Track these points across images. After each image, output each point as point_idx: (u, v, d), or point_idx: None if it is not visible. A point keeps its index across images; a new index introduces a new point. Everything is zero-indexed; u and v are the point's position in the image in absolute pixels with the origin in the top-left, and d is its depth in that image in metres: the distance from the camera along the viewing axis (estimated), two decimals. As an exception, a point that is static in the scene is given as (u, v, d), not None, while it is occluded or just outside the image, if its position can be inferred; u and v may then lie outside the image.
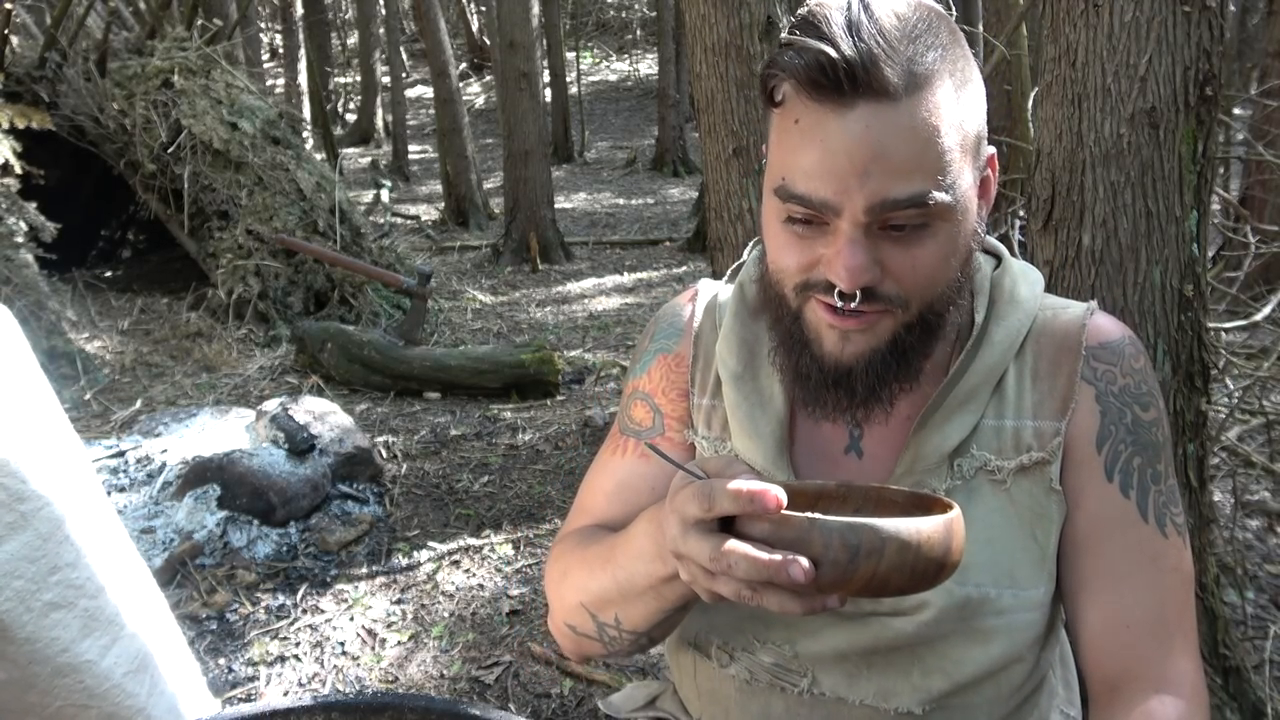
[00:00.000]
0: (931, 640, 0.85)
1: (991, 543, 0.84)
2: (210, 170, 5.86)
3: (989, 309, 0.88)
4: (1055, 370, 0.87)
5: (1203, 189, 1.46)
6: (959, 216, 0.77)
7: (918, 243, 0.76)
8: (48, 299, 4.94)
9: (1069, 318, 0.88)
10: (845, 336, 0.79)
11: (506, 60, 8.27)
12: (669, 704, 1.09)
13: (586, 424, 4.23)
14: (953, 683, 0.86)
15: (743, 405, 0.92)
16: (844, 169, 0.73)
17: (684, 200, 11.26)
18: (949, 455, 0.86)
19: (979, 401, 0.86)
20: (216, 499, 3.09)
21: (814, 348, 0.82)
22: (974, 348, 0.86)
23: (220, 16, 8.08)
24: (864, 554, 0.61)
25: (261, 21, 18.62)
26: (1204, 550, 1.63)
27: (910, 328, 0.79)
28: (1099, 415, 0.85)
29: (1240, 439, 2.93)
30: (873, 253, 0.75)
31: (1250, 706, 1.71)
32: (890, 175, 0.72)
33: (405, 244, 8.34)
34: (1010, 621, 0.85)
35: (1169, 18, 1.39)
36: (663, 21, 13.50)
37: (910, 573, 0.63)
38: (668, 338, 1.02)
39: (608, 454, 1.03)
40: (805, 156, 0.75)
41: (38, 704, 0.65)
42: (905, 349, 0.80)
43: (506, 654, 2.57)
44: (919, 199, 0.73)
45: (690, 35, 2.69)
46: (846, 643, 0.88)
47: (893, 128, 0.72)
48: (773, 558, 0.62)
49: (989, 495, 0.85)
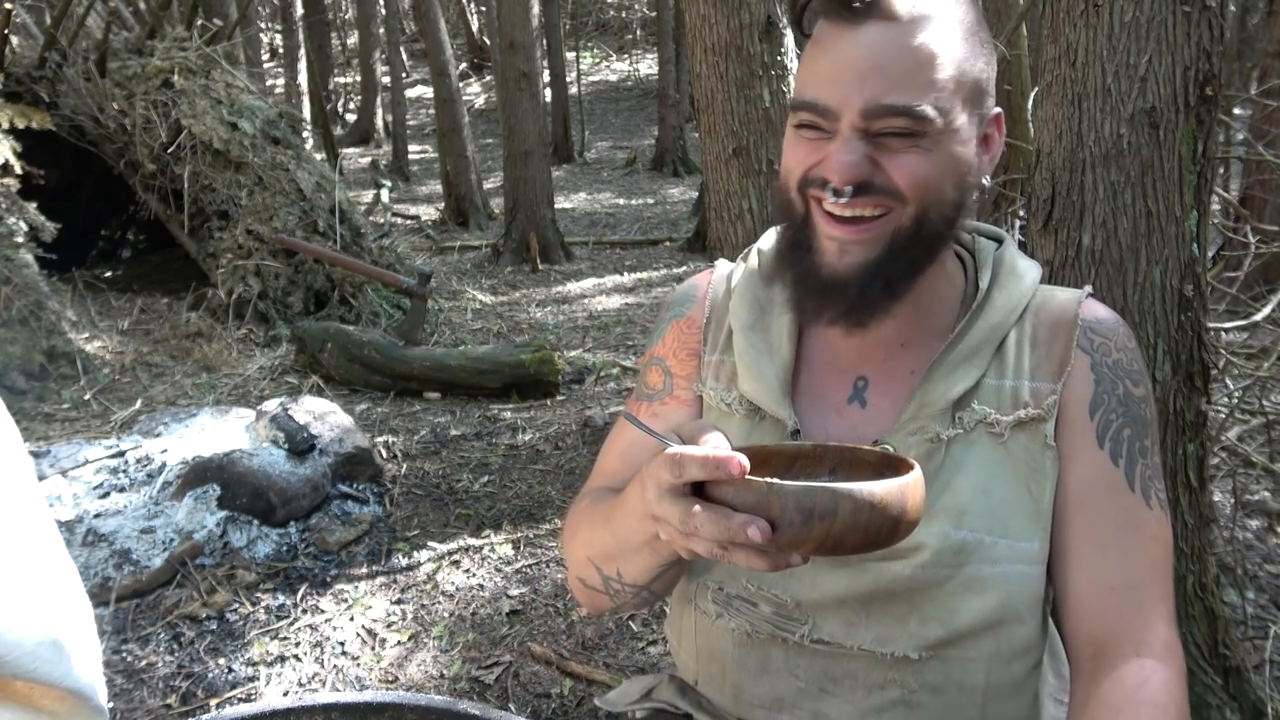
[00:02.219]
0: (928, 587, 0.89)
1: (988, 492, 0.89)
2: (210, 170, 5.86)
3: (993, 278, 0.95)
4: (1053, 338, 0.93)
5: (1203, 189, 1.45)
6: (951, 142, 0.85)
7: (907, 151, 0.83)
8: (48, 299, 4.94)
9: (1066, 296, 0.96)
10: (843, 248, 0.86)
11: (506, 60, 8.27)
12: (665, 693, 1.11)
13: (586, 424, 4.23)
14: (949, 630, 0.89)
15: (749, 351, 0.99)
16: (847, 75, 0.82)
17: (684, 200, 11.27)
18: (952, 406, 0.91)
19: (982, 358, 0.92)
20: (216, 499, 3.09)
21: (815, 255, 0.88)
22: (978, 309, 0.93)
23: (220, 16, 8.08)
24: (818, 515, 0.65)
25: (261, 21, 18.61)
26: (1204, 550, 1.63)
27: (906, 232, 0.85)
28: (1093, 383, 0.91)
29: (1240, 439, 2.93)
30: (867, 153, 0.83)
31: (1250, 707, 1.71)
32: (886, 84, 0.81)
33: (405, 244, 8.34)
34: (1005, 572, 0.88)
35: (1169, 18, 1.39)
36: (663, 21, 13.50)
37: (864, 532, 0.66)
38: (682, 304, 1.11)
39: (622, 419, 1.10)
40: (817, 66, 0.85)
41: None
42: (898, 256, 0.86)
43: (506, 654, 2.57)
44: (908, 109, 0.81)
45: (690, 35, 2.69)
46: (845, 589, 0.91)
47: (894, 45, 0.82)
48: (733, 521, 0.66)
49: (987, 446, 0.91)
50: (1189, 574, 1.64)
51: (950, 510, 0.89)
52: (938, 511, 0.89)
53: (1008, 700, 0.92)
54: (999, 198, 4.23)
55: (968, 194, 0.89)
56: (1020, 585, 0.88)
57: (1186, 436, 1.52)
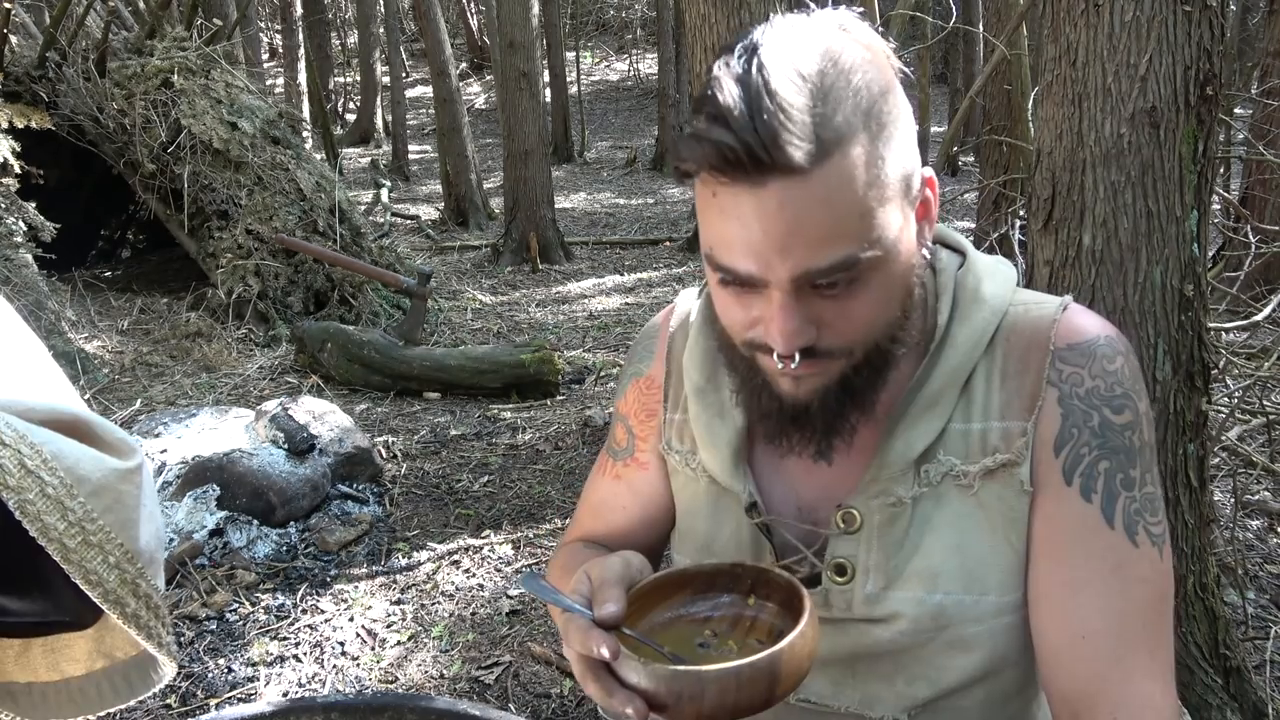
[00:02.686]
0: (912, 649, 0.85)
1: (961, 549, 0.83)
2: (210, 170, 5.86)
3: (953, 310, 0.86)
4: (1024, 369, 0.84)
5: (1203, 189, 1.45)
6: (891, 262, 0.76)
7: (851, 296, 0.75)
8: (47, 299, 4.94)
9: (1040, 314, 0.85)
10: (796, 382, 0.80)
11: (506, 60, 8.27)
12: None
13: (586, 424, 4.23)
14: (937, 690, 0.86)
15: (703, 416, 0.94)
16: (763, 245, 0.72)
17: (684, 200, 11.26)
18: (915, 462, 0.84)
19: (945, 406, 0.84)
20: (216, 499, 3.09)
21: (770, 390, 0.82)
22: (937, 351, 0.84)
23: (220, 16, 8.08)
24: (687, 698, 0.69)
25: (261, 21, 18.61)
26: (1204, 550, 1.63)
27: (858, 369, 0.80)
28: (1060, 417, 0.82)
29: (1240, 439, 2.93)
30: (807, 313, 0.75)
31: (1251, 707, 1.70)
32: (810, 247, 0.71)
33: (405, 244, 8.34)
34: (990, 628, 0.84)
35: (1169, 17, 1.39)
36: (663, 21, 13.50)
37: (733, 709, 0.70)
38: (641, 360, 1.06)
39: (595, 470, 1.10)
40: (725, 231, 0.74)
41: None
42: (856, 388, 0.80)
43: (506, 654, 2.57)
44: (844, 264, 0.72)
45: (690, 35, 2.69)
46: (829, 650, 0.88)
47: (806, 201, 0.70)
48: (613, 699, 0.72)
49: (957, 501, 0.84)
50: (1189, 574, 1.63)
51: (923, 574, 0.84)
52: (910, 576, 0.84)
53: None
54: (999, 197, 4.23)
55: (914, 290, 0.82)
56: (1007, 636, 0.85)
57: (1186, 436, 1.52)
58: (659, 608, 0.83)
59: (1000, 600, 0.83)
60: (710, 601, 0.84)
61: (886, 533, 0.85)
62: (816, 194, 0.70)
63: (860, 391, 0.81)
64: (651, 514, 1.05)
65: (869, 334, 0.78)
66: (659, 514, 1.05)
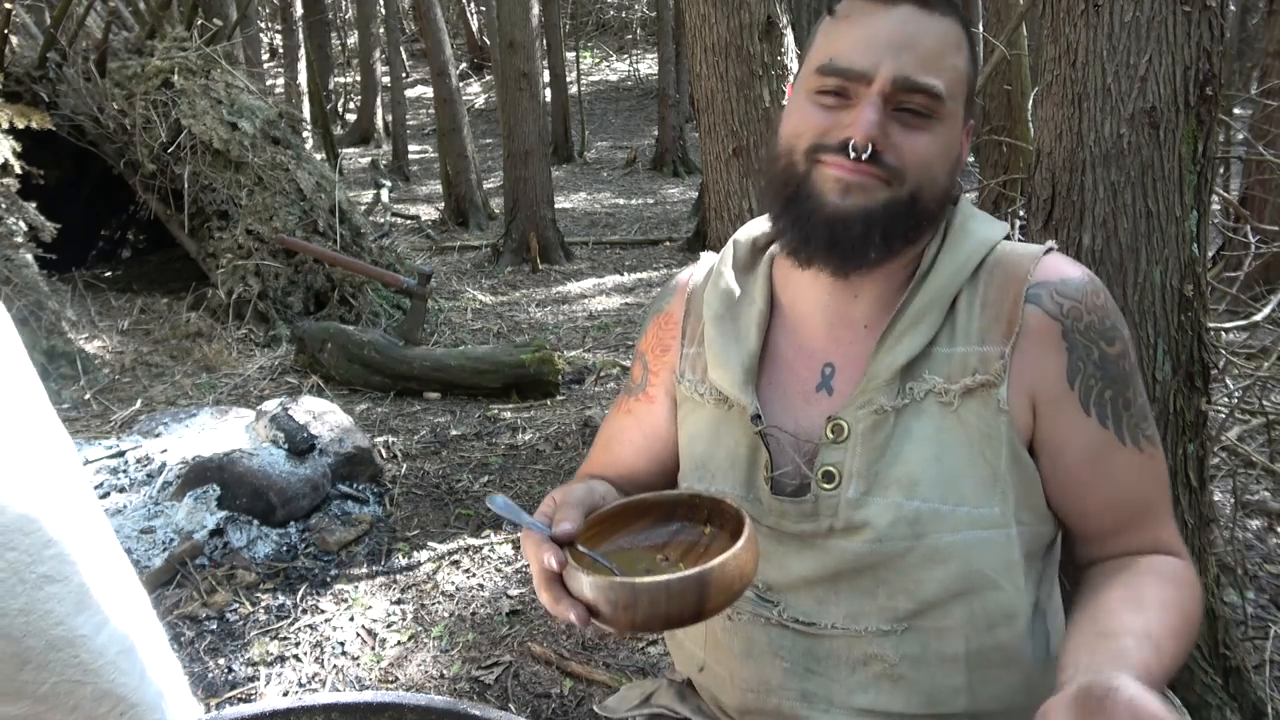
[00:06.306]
0: (890, 560, 0.91)
1: (940, 460, 0.90)
2: (210, 170, 5.86)
3: (942, 242, 0.97)
4: (1002, 297, 0.93)
5: (1203, 189, 1.45)
6: (951, 128, 0.91)
7: (920, 131, 0.89)
8: (48, 299, 4.94)
9: (1024, 252, 0.96)
10: (846, 189, 0.89)
11: (506, 60, 8.27)
12: (664, 698, 1.11)
13: (586, 424, 4.23)
14: (917, 602, 0.91)
15: (718, 340, 1.02)
16: (883, 44, 0.88)
17: (684, 200, 11.26)
18: (900, 375, 0.92)
19: (929, 323, 0.93)
20: (216, 499, 3.09)
21: (817, 199, 0.91)
22: (923, 276, 0.95)
23: (220, 16, 8.07)
24: (622, 606, 0.76)
25: (261, 21, 18.60)
26: (1204, 550, 1.63)
27: (900, 202, 0.90)
28: (1065, 350, 0.92)
29: (1240, 439, 2.93)
30: (886, 124, 0.88)
31: (1250, 707, 1.71)
32: (917, 60, 0.88)
33: (405, 244, 8.34)
34: (965, 539, 0.89)
35: (1169, 18, 1.39)
36: (663, 21, 13.50)
37: (664, 619, 0.77)
38: (663, 300, 1.15)
39: (612, 409, 1.19)
40: (850, 35, 0.90)
41: (31, 681, 0.65)
42: (893, 216, 0.90)
43: (506, 654, 2.57)
44: (933, 89, 0.88)
45: (690, 35, 2.69)
46: (810, 569, 0.94)
47: (926, 28, 0.89)
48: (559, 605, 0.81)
49: (938, 415, 0.92)
50: (1189, 574, 1.63)
51: (903, 481, 0.90)
52: (890, 483, 0.91)
53: (997, 669, 0.92)
54: (999, 197, 4.23)
55: (953, 181, 0.94)
56: (983, 550, 0.90)
57: (1186, 436, 1.52)
58: (621, 533, 0.92)
59: (974, 511, 0.90)
60: (669, 529, 0.92)
61: (870, 439, 0.92)
62: (935, 28, 0.90)
63: (892, 224, 0.90)
64: (656, 449, 1.12)
65: (919, 173, 0.89)
66: (663, 451, 1.11)
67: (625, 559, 0.88)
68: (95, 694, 0.68)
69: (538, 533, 0.84)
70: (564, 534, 0.84)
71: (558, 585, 0.81)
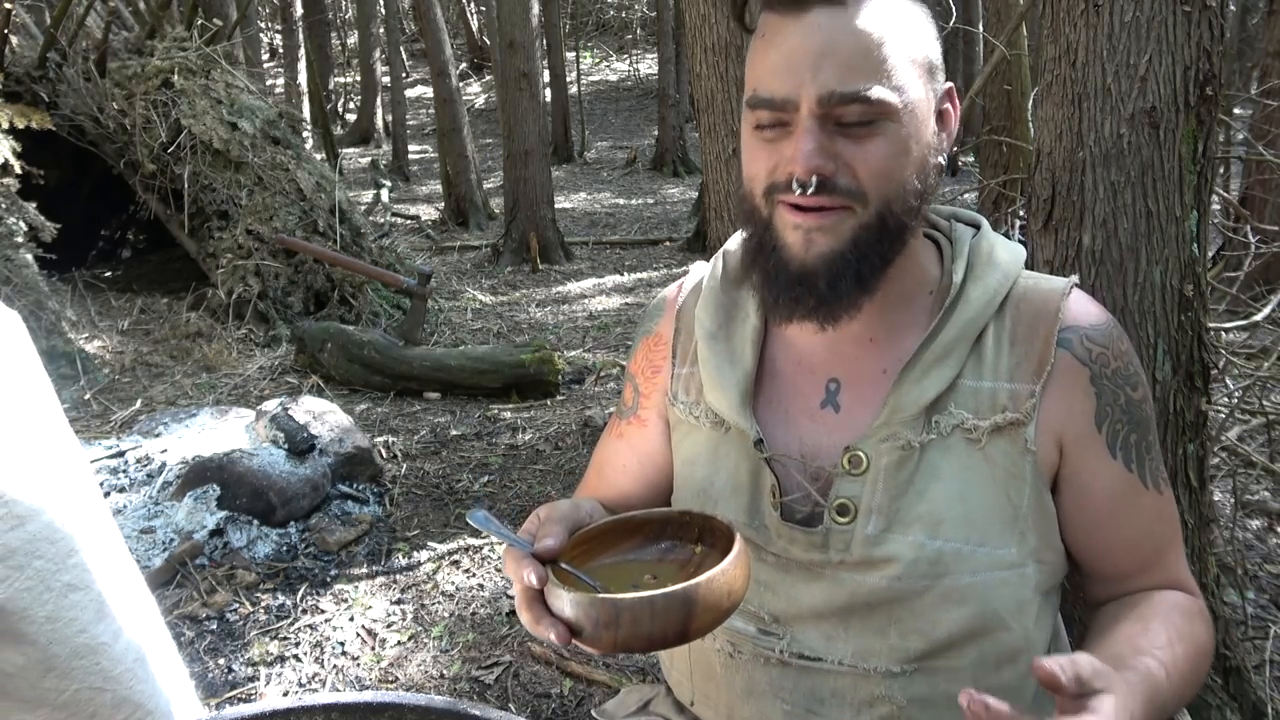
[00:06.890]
0: (906, 599, 0.88)
1: (964, 499, 0.88)
2: (210, 170, 5.86)
3: (967, 270, 0.92)
4: (1032, 334, 0.90)
5: (1203, 189, 1.45)
6: (907, 121, 0.84)
7: (869, 139, 0.82)
8: (48, 299, 4.94)
9: (1049, 287, 0.93)
10: (809, 237, 0.85)
11: (506, 60, 8.27)
12: (662, 707, 1.09)
13: (586, 424, 4.23)
14: (930, 643, 0.88)
15: (713, 360, 0.98)
16: (798, 65, 0.81)
17: (684, 200, 11.26)
18: (926, 410, 0.89)
19: (956, 357, 0.89)
20: (216, 499, 3.09)
21: (781, 252, 0.87)
22: (951, 304, 0.90)
23: (220, 16, 8.07)
24: (603, 625, 0.73)
25: (261, 21, 18.61)
26: (1204, 550, 1.63)
27: (869, 228, 0.84)
28: (1095, 396, 0.90)
29: (1240, 439, 2.93)
30: (827, 145, 0.82)
31: (1250, 707, 1.71)
32: (839, 69, 0.80)
33: (405, 244, 8.33)
34: (983, 581, 0.87)
35: (1169, 17, 1.39)
36: (663, 21, 13.50)
37: (648, 639, 0.73)
38: (651, 320, 1.11)
39: (605, 432, 1.15)
40: (768, 60, 0.84)
41: (54, 689, 0.65)
42: (865, 250, 0.85)
43: (506, 654, 2.57)
44: (864, 94, 0.80)
45: (690, 35, 2.69)
46: (822, 601, 0.91)
47: (841, 29, 0.81)
48: (539, 625, 0.77)
49: (964, 452, 0.89)
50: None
51: (926, 520, 0.87)
52: (912, 520, 0.87)
53: None
54: (999, 198, 4.23)
55: (929, 176, 0.87)
56: (999, 592, 0.87)
57: (1186, 436, 1.52)
58: (610, 551, 0.88)
59: (994, 552, 0.87)
60: (658, 547, 0.89)
61: (893, 475, 0.89)
62: (852, 24, 0.81)
63: (867, 259, 0.85)
64: (649, 474, 1.09)
65: (881, 186, 0.83)
66: (657, 475, 1.08)
67: (612, 577, 0.84)
68: (114, 701, 0.68)
69: (519, 549, 0.81)
70: (546, 550, 0.81)
71: (539, 604, 0.78)
